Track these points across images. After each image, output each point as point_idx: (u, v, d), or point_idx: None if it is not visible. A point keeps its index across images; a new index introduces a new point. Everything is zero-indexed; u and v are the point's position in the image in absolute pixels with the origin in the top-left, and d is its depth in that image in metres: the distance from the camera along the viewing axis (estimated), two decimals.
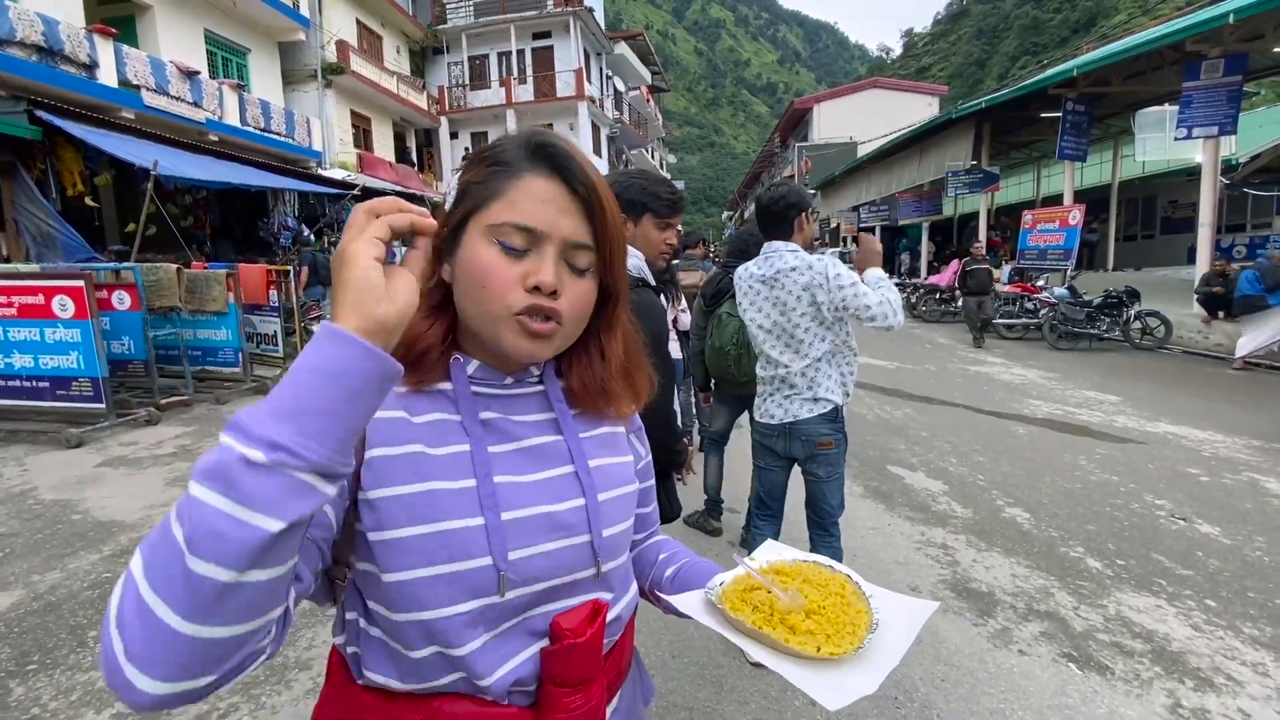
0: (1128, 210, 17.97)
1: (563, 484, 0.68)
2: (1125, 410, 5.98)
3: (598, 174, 0.65)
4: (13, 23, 8.30)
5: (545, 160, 0.64)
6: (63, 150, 8.48)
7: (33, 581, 2.98)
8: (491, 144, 0.67)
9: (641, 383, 0.76)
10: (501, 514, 0.62)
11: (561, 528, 0.66)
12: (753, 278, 2.37)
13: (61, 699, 2.18)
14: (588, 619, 0.66)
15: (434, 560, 0.59)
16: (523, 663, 0.64)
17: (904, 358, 9.09)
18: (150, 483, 4.29)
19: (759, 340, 2.38)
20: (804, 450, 2.31)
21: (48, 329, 5.21)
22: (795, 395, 2.30)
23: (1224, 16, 7.85)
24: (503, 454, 0.66)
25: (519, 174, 0.63)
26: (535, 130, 0.67)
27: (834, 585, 0.68)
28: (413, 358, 0.64)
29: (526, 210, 0.62)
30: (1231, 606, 2.67)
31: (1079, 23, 65.37)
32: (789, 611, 0.64)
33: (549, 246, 0.62)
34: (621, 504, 0.72)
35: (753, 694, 2.19)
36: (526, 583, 0.63)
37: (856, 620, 0.63)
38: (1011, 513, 3.69)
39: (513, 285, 0.61)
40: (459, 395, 0.66)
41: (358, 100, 17.42)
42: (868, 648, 0.61)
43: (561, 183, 0.63)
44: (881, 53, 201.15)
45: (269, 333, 7.45)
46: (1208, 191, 9.26)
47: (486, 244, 0.62)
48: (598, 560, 0.68)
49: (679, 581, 0.79)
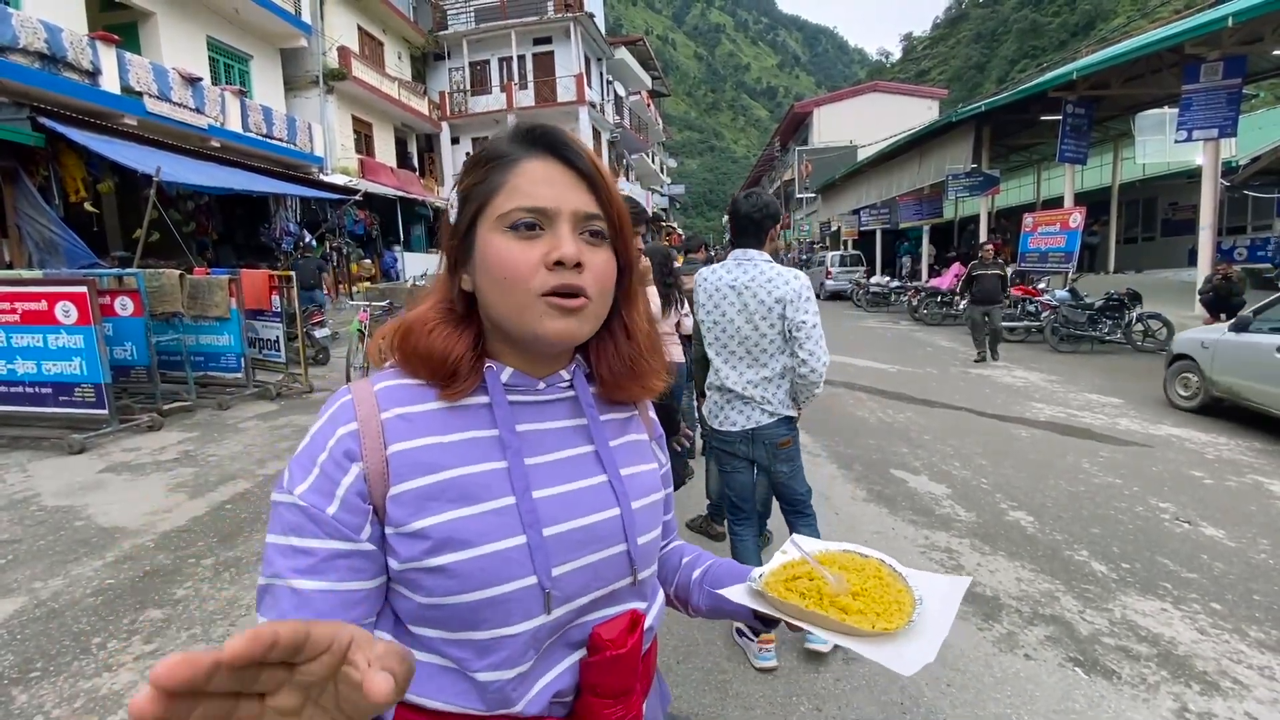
0: (1128, 212, 17.97)
1: (598, 494, 0.67)
2: (1128, 413, 5.97)
3: (592, 151, 0.66)
4: (16, 30, 8.35)
5: (540, 144, 0.64)
6: (65, 157, 8.52)
7: (35, 588, 2.98)
8: (483, 146, 0.67)
9: (663, 356, 0.76)
10: (543, 530, 0.62)
11: (600, 539, 0.66)
12: (721, 282, 2.30)
13: (64, 706, 2.18)
14: (627, 629, 0.66)
15: (482, 584, 0.59)
16: (561, 674, 0.64)
17: (905, 361, 9.08)
18: (153, 489, 4.29)
19: (715, 347, 2.34)
20: (766, 453, 2.35)
21: (51, 335, 5.22)
22: (751, 406, 2.31)
23: (1223, 19, 7.87)
24: (539, 466, 0.65)
25: (516, 162, 0.63)
26: (523, 120, 0.67)
27: (870, 569, 0.71)
28: (446, 372, 0.64)
29: (532, 192, 0.62)
30: (1237, 610, 2.66)
31: (1078, 26, 65.50)
32: (837, 595, 0.66)
33: (561, 222, 0.62)
34: (652, 511, 0.73)
35: (758, 699, 2.18)
36: (570, 598, 0.63)
37: (900, 599, 0.66)
38: (1015, 516, 3.68)
39: (534, 268, 0.61)
40: (496, 405, 0.65)
41: (359, 106, 17.48)
42: (917, 621, 0.64)
43: (560, 161, 0.64)
44: (881, 57, 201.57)
45: (271, 338, 7.44)
46: (1208, 194, 9.26)
47: (500, 235, 0.62)
48: (634, 569, 0.68)
49: (710, 579, 0.79)
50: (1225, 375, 5.65)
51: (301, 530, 0.58)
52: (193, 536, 3.53)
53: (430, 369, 0.64)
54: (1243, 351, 5.46)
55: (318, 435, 0.61)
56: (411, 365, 0.65)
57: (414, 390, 0.64)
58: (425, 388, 0.65)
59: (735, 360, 2.30)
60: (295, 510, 0.58)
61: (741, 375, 2.30)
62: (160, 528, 3.65)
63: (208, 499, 4.10)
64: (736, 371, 2.30)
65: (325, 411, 0.63)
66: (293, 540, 0.58)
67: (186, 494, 4.19)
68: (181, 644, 2.53)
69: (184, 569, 3.16)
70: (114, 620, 2.70)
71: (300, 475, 0.60)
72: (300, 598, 0.56)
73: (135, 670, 2.36)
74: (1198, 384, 5.99)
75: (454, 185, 0.68)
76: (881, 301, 17.12)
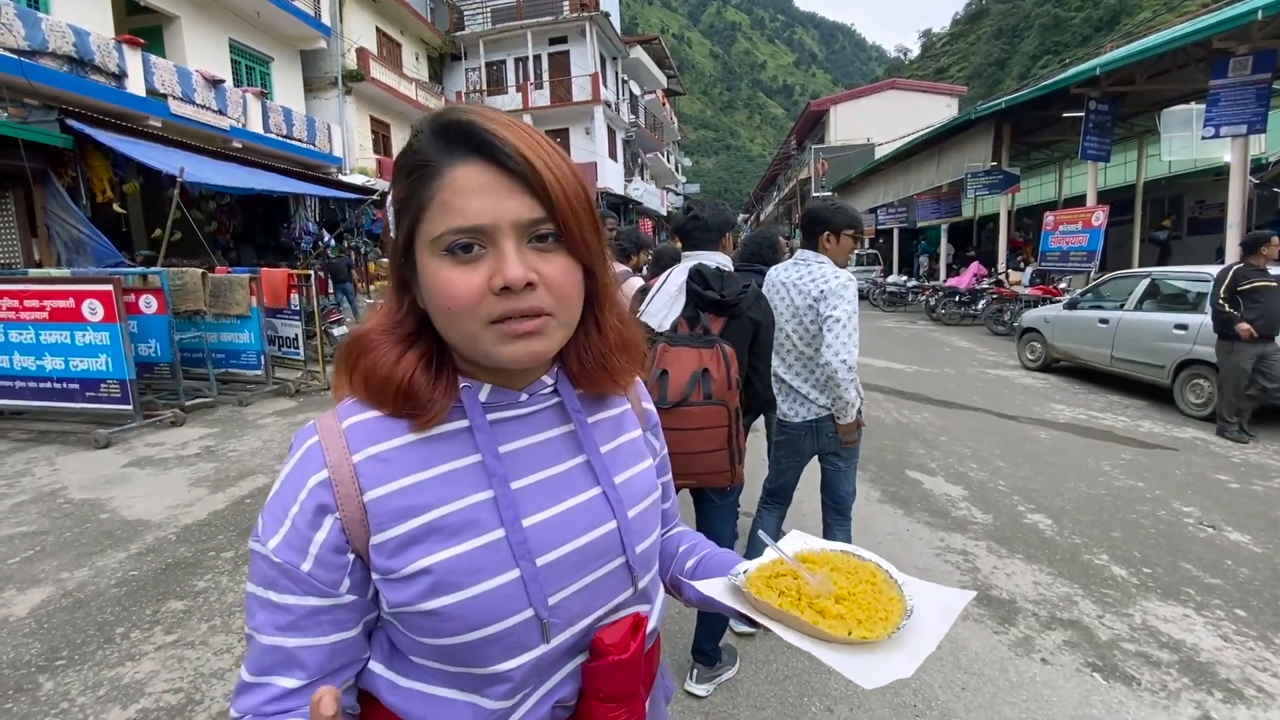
0: (1153, 211, 17.62)
1: (592, 510, 0.64)
2: (1151, 415, 5.85)
3: (528, 135, 0.56)
4: (45, 34, 8.55)
5: (462, 144, 0.55)
6: (92, 158, 8.70)
7: (62, 579, 3.06)
8: (405, 146, 0.58)
9: (640, 351, 0.71)
10: (537, 560, 0.59)
11: (597, 556, 0.63)
12: (776, 279, 2.47)
13: (89, 694, 2.23)
14: (629, 633, 0.64)
15: (477, 625, 0.56)
16: (562, 681, 0.63)
17: (923, 361, 8.99)
18: (175, 483, 4.37)
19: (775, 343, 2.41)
20: (832, 442, 2.41)
21: (78, 332, 5.35)
22: (799, 400, 2.43)
23: (1252, 13, 7.67)
24: (527, 488, 0.61)
25: (441, 169, 0.54)
26: (440, 112, 0.57)
27: (864, 573, 0.67)
28: (398, 394, 0.58)
29: (463, 209, 0.53)
30: (1262, 616, 2.60)
31: (1102, 21, 64.28)
32: (817, 596, 0.63)
33: (502, 238, 0.54)
34: (649, 515, 0.70)
35: (769, 699, 2.17)
36: (571, 622, 0.61)
37: (890, 607, 0.62)
38: (1033, 519, 3.63)
39: (479, 295, 0.54)
40: (476, 429, 0.60)
41: (377, 106, 17.65)
42: (902, 633, 0.60)
43: (488, 162, 0.54)
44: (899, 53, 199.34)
45: (290, 336, 7.56)
46: (1236, 191, 9.04)
47: (436, 261, 0.55)
48: (634, 577, 0.66)
49: (701, 571, 0.78)
50: (1062, 342, 7.67)
51: (277, 585, 0.56)
52: (213, 530, 3.60)
53: (381, 397, 0.59)
54: (1074, 323, 7.44)
55: (287, 483, 0.58)
56: (363, 394, 0.60)
57: (384, 424, 0.59)
58: (395, 420, 0.59)
59: (784, 353, 2.44)
60: (270, 564, 0.56)
61: (790, 368, 2.44)
62: (182, 521, 3.73)
63: (228, 493, 4.17)
64: (785, 364, 2.45)
65: (292, 455, 0.59)
66: (270, 595, 0.56)
67: (208, 488, 4.27)
68: (202, 635, 2.58)
69: (205, 561, 3.22)
70: (137, 611, 2.77)
71: (273, 527, 0.57)
72: (284, 654, 0.56)
73: (157, 660, 2.42)
74: (1041, 350, 8.14)
75: (386, 195, 0.61)
76: (898, 301, 16.97)
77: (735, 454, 1.88)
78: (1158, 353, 6.10)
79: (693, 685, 2.20)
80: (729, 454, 1.87)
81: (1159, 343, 6.09)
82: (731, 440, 1.86)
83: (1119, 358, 6.65)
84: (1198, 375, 5.66)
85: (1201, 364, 5.59)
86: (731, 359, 1.86)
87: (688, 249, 2.20)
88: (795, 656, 2.38)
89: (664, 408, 1.79)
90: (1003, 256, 14.23)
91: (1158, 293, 6.54)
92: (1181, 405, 5.83)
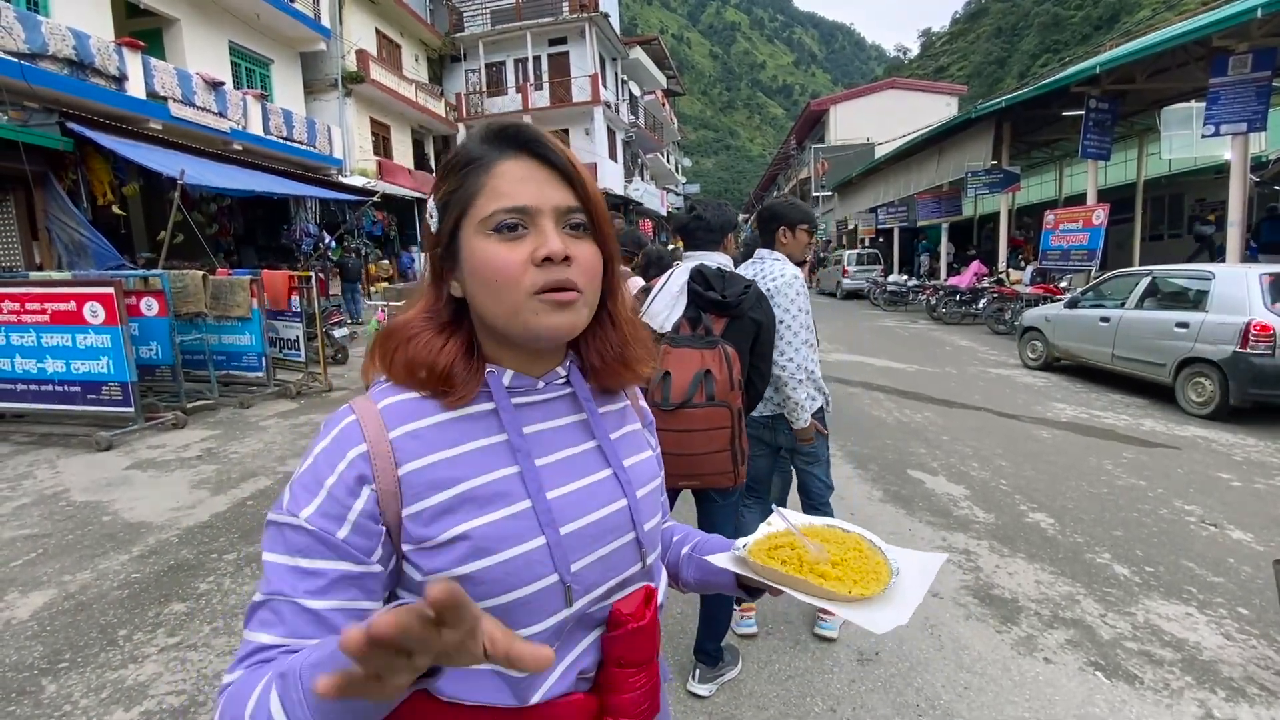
0: (1154, 209, 17.60)
1: (606, 488, 0.70)
2: (1153, 413, 5.85)
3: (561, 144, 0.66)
4: (45, 37, 8.56)
5: (512, 143, 0.64)
6: (93, 161, 8.72)
7: (64, 581, 3.06)
8: (453, 153, 0.67)
9: (649, 344, 0.77)
10: (560, 528, 0.64)
11: (611, 530, 0.69)
12: None
13: (92, 696, 2.23)
14: (643, 602, 0.70)
15: (508, 588, 0.61)
16: (584, 652, 0.68)
17: (924, 360, 8.98)
18: (177, 485, 4.38)
19: None
20: (789, 440, 2.42)
21: (79, 335, 5.36)
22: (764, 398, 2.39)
23: (1252, 10, 7.67)
24: (548, 465, 0.67)
25: (492, 163, 0.63)
26: (492, 121, 0.67)
27: (850, 542, 0.75)
28: (439, 378, 0.64)
29: (511, 193, 0.62)
30: (1265, 615, 2.60)
31: (1101, 19, 64.26)
32: (817, 562, 0.70)
33: (544, 219, 0.63)
34: (654, 497, 0.76)
35: (772, 699, 2.17)
36: (588, 590, 0.66)
37: (878, 569, 0.70)
38: (1035, 518, 3.62)
39: (523, 267, 0.61)
40: (502, 410, 0.66)
41: (377, 108, 17.67)
42: (892, 589, 0.68)
43: (535, 158, 0.64)
44: (899, 53, 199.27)
45: (291, 338, 7.56)
46: (1237, 189, 9.03)
47: (484, 239, 0.62)
48: (643, 553, 0.72)
49: (698, 553, 0.83)
50: (1063, 341, 7.61)
51: (310, 552, 0.57)
52: (215, 532, 3.60)
53: (422, 379, 0.64)
54: (1075, 322, 7.42)
55: (322, 457, 0.61)
56: (402, 378, 0.65)
57: (417, 404, 0.64)
58: (427, 400, 0.65)
59: None
60: (302, 533, 0.58)
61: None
62: (184, 523, 3.73)
63: (230, 495, 4.17)
64: None
65: (328, 432, 0.62)
66: (300, 562, 0.57)
67: (209, 490, 4.27)
68: (204, 637, 2.58)
69: (207, 564, 3.22)
70: (139, 613, 2.77)
71: (305, 498, 0.59)
72: (312, 615, 0.56)
73: (160, 662, 2.42)
74: (1042, 349, 8.02)
75: (430, 193, 0.68)
76: (899, 300, 16.94)
77: (738, 454, 1.88)
78: (1159, 351, 6.10)
79: (695, 685, 2.20)
80: (732, 455, 1.86)
81: (1160, 341, 6.10)
82: (734, 441, 1.86)
83: (1120, 356, 6.65)
84: (1199, 374, 5.66)
85: (1203, 362, 5.59)
86: (734, 360, 1.85)
87: (690, 249, 2.20)
88: (798, 656, 2.38)
89: (667, 409, 1.79)
90: (1003, 255, 14.23)
91: (1158, 291, 6.54)
92: (1183, 404, 5.83)
